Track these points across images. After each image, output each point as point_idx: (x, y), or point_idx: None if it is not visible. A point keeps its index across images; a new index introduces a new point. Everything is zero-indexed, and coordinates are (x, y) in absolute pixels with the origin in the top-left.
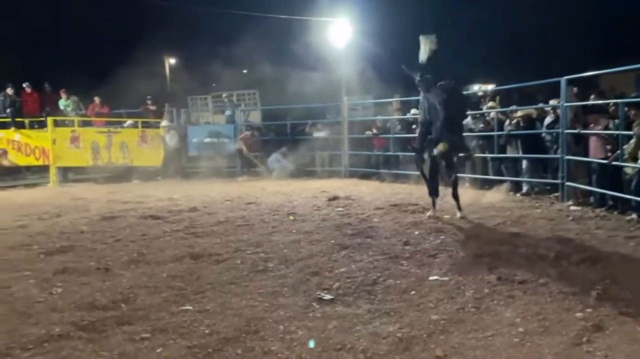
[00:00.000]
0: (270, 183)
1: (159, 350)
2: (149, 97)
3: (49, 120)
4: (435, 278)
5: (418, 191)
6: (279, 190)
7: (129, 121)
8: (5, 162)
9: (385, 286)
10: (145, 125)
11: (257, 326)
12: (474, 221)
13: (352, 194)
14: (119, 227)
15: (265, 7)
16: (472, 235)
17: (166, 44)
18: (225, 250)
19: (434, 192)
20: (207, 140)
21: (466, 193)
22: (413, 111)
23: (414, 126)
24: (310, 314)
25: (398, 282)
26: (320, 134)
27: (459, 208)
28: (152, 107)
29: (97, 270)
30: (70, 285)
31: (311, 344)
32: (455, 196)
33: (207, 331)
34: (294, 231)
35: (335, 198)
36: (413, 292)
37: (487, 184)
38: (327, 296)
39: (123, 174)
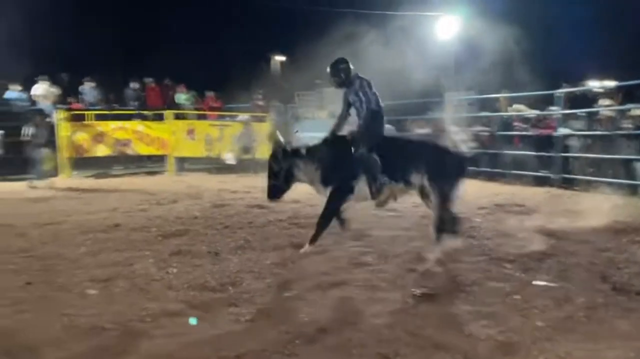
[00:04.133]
0: None
1: (261, 333)
2: (258, 92)
3: (169, 113)
4: (541, 283)
5: (524, 192)
6: None
7: (245, 115)
8: (130, 151)
9: (485, 287)
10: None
11: (354, 318)
12: (586, 226)
13: None
14: (227, 214)
15: (370, 3)
16: (584, 240)
17: (275, 43)
18: (325, 242)
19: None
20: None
21: (582, 196)
22: (515, 106)
23: (515, 124)
24: (407, 311)
25: (500, 285)
26: (422, 130)
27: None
28: (261, 103)
29: (207, 254)
30: (184, 266)
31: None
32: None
33: (306, 319)
34: (392, 227)
35: None
36: (516, 296)
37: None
38: (425, 294)
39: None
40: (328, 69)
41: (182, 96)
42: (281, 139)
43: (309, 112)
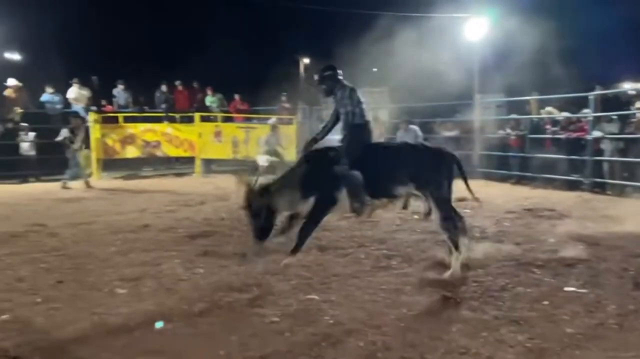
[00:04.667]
0: None
1: (286, 334)
2: (284, 95)
3: (196, 115)
4: (571, 289)
5: (554, 196)
6: None
7: (273, 118)
8: (159, 153)
9: (514, 293)
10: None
11: (379, 321)
12: (618, 231)
13: (481, 196)
14: None
15: (397, 5)
16: (616, 246)
17: (300, 45)
18: (349, 244)
19: None
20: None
21: (614, 201)
22: (546, 108)
23: (548, 126)
24: (434, 315)
25: (529, 290)
26: (450, 133)
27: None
28: (287, 105)
29: (234, 255)
30: (210, 267)
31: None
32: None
33: (331, 321)
34: (418, 230)
35: (462, 199)
36: (545, 302)
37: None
38: (452, 298)
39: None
40: (315, 77)
41: (209, 99)
42: (250, 181)
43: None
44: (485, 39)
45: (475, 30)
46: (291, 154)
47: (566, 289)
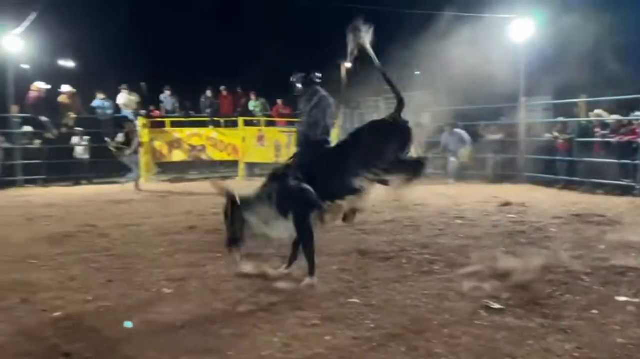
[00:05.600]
0: (439, 186)
1: (327, 337)
2: None
3: (240, 120)
4: (623, 298)
5: (604, 202)
6: (448, 193)
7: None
8: (204, 157)
9: (561, 301)
10: None
11: (421, 327)
12: None
13: (526, 201)
14: None
15: (439, 6)
16: None
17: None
18: (391, 249)
19: None
20: None
21: None
22: (595, 111)
23: (597, 129)
24: (477, 322)
25: (577, 298)
26: (494, 136)
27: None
28: None
29: (275, 257)
30: (252, 269)
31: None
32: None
33: (372, 325)
34: (461, 235)
35: (507, 204)
36: (595, 311)
37: None
38: (496, 306)
39: None
40: (297, 79)
41: (252, 104)
42: (231, 191)
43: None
44: (531, 40)
45: (521, 31)
46: None
47: (617, 298)
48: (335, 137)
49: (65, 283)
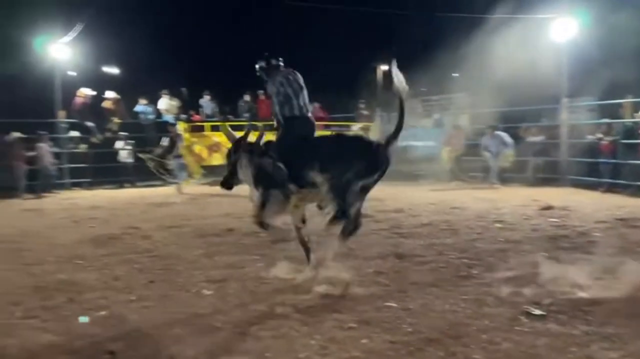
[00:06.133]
0: (479, 189)
1: (364, 341)
2: (361, 102)
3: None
4: None
5: None
6: (487, 196)
7: (357, 125)
8: None
9: (606, 308)
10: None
11: (459, 332)
12: None
13: (568, 205)
14: None
15: (478, 6)
16: None
17: (378, 52)
18: (428, 252)
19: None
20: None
21: None
22: None
23: None
24: (518, 328)
25: (622, 306)
26: (535, 138)
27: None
28: (365, 112)
29: (311, 259)
30: (290, 271)
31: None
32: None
33: (409, 329)
34: (501, 239)
35: (548, 208)
36: None
37: None
38: (537, 311)
39: None
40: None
41: None
42: (233, 133)
43: (413, 120)
44: (574, 40)
45: (563, 31)
46: None
47: None
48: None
49: (109, 283)
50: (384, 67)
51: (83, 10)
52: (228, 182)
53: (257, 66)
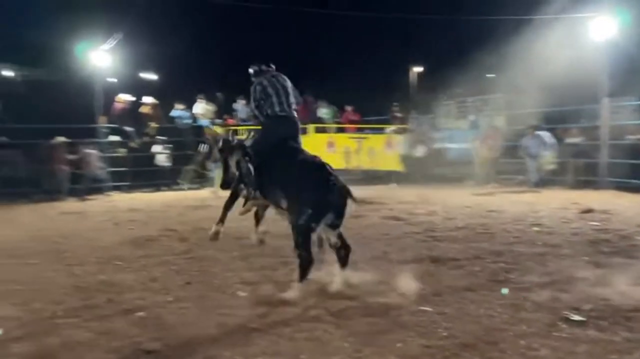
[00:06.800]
0: (516, 192)
1: (398, 344)
2: (395, 104)
3: (311, 127)
4: None
5: None
6: (524, 199)
7: (391, 127)
8: None
9: None
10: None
11: (495, 337)
12: None
13: (610, 208)
14: (364, 225)
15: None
16: None
17: (412, 53)
18: (464, 256)
19: None
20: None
21: None
22: None
23: None
24: (556, 334)
25: None
26: (574, 139)
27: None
28: (399, 114)
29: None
30: (323, 274)
31: None
32: None
33: (444, 334)
34: (539, 243)
35: (589, 211)
36: None
37: None
38: (577, 317)
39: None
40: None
41: (322, 111)
42: (217, 133)
43: (448, 122)
44: (614, 39)
45: (602, 30)
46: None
47: None
48: (405, 141)
49: (147, 284)
50: (417, 69)
51: (122, 19)
52: (226, 183)
53: (250, 70)
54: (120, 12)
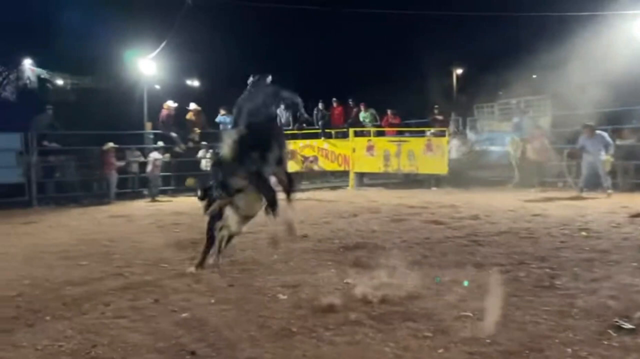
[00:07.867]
0: (562, 195)
1: (440, 351)
2: (435, 106)
3: (350, 131)
4: None
5: None
6: (570, 203)
7: (431, 130)
8: (316, 168)
9: None
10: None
11: (541, 345)
12: None
13: None
14: (404, 229)
15: (555, 6)
16: None
17: (453, 55)
18: (508, 261)
19: None
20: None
21: None
22: None
23: None
24: (605, 342)
25: None
26: (625, 141)
27: None
28: (439, 117)
29: (385, 267)
30: (362, 278)
31: None
32: None
33: (487, 341)
34: (586, 248)
35: (639, 215)
36: None
37: None
38: (627, 325)
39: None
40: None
41: (362, 114)
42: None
43: (489, 124)
44: None
45: None
46: (442, 167)
47: None
48: (445, 145)
49: (191, 286)
50: (458, 70)
51: (166, 28)
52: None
53: (249, 81)
54: (165, 21)
